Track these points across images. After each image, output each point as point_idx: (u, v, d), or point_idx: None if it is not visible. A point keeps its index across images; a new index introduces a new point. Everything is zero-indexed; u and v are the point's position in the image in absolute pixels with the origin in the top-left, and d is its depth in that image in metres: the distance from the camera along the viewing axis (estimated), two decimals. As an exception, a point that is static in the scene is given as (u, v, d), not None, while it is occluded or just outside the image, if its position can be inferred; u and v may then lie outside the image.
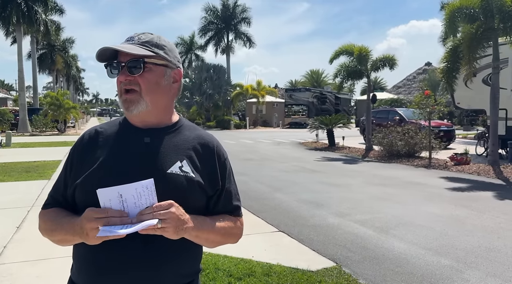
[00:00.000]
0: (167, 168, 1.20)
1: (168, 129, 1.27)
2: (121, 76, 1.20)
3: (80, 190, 1.18)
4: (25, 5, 25.88)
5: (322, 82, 59.90)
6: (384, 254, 4.28)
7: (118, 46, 1.19)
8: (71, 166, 1.25)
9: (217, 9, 40.48)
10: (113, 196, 1.06)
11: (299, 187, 8.05)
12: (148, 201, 1.07)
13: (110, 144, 1.24)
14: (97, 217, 1.06)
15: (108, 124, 1.33)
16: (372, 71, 14.78)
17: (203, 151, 1.28)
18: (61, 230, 1.18)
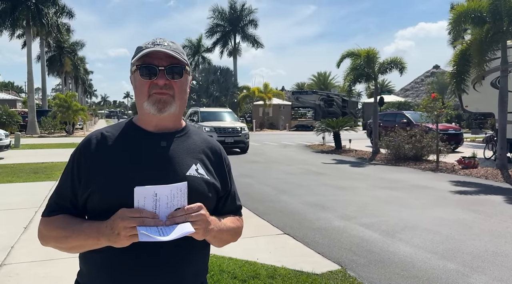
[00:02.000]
0: (186, 171, 1.24)
1: (179, 134, 1.31)
2: (160, 79, 1.22)
3: (99, 195, 1.18)
4: (35, 7, 26.18)
5: (329, 84, 59.75)
6: (390, 257, 4.26)
7: (169, 50, 1.23)
8: (79, 171, 1.23)
9: (224, 12, 40.67)
10: (148, 194, 1.07)
11: (304, 190, 8.04)
12: (180, 203, 1.10)
13: (124, 148, 1.24)
14: (132, 216, 1.05)
15: (114, 128, 1.33)
16: (380, 74, 14.73)
17: (212, 154, 1.35)
18: (79, 236, 1.15)
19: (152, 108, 1.23)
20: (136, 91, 1.28)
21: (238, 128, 15.49)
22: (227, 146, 13.79)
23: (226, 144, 13.96)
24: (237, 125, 15.78)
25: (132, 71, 1.28)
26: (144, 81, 1.23)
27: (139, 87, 1.25)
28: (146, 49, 1.23)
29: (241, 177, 9.62)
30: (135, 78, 1.27)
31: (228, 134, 15.13)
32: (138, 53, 1.25)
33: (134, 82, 1.28)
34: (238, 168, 11.08)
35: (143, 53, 1.22)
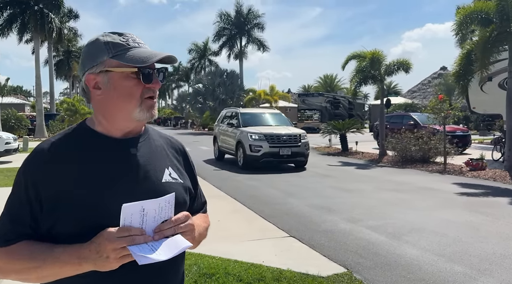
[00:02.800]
0: (161, 177, 1.16)
1: (143, 137, 1.21)
2: (158, 84, 1.14)
3: (72, 219, 1.03)
4: (39, 12, 26.47)
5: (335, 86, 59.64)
6: (396, 260, 4.24)
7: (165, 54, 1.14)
8: (37, 193, 1.05)
9: (230, 15, 40.80)
10: (135, 211, 0.99)
11: (311, 192, 8.02)
12: (167, 215, 1.05)
13: (93, 161, 1.09)
14: (120, 236, 0.95)
15: (68, 137, 1.15)
16: (386, 76, 14.68)
17: (177, 154, 1.29)
18: (54, 264, 1.00)
19: (145, 115, 1.12)
20: (118, 94, 1.10)
21: (297, 135, 11.67)
22: (281, 160, 11.52)
23: (280, 158, 11.33)
24: (295, 132, 11.98)
25: (102, 71, 1.10)
26: (137, 85, 1.10)
27: (129, 91, 1.10)
28: (136, 49, 1.11)
29: (248, 179, 9.63)
30: (116, 80, 1.10)
31: (283, 143, 11.33)
32: (123, 51, 1.10)
33: (113, 84, 1.10)
34: (243, 171, 11.09)
35: (157, 58, 1.10)
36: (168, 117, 60.61)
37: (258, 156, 11.24)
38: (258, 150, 11.23)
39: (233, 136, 12.36)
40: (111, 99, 1.11)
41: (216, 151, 13.95)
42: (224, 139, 13.23)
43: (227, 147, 12.94)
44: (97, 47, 1.12)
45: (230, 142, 12.65)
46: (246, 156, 11.36)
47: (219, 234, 5.15)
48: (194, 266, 3.86)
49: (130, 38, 1.14)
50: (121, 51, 1.10)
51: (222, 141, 13.44)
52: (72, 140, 1.14)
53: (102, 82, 1.11)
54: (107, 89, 1.11)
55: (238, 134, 11.97)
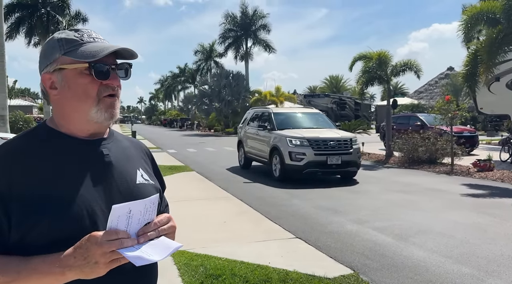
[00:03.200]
0: (135, 179, 1.12)
1: (110, 138, 1.15)
2: (115, 80, 1.07)
3: (47, 228, 0.95)
4: (47, 15, 26.72)
5: (341, 87, 59.49)
6: (403, 262, 4.22)
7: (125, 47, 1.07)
8: (2, 203, 0.95)
9: (236, 17, 40.90)
10: (123, 213, 0.94)
11: (316, 194, 8.01)
12: (150, 217, 1.01)
13: (61, 164, 1.02)
14: (109, 240, 0.90)
15: (28, 139, 1.07)
16: (393, 76, 14.62)
17: (143, 155, 1.25)
18: (31, 276, 0.92)
19: (103, 116, 1.05)
20: (73, 93, 1.04)
21: (348, 140, 9.53)
22: (329, 171, 9.43)
23: (328, 168, 9.20)
24: (345, 135, 9.86)
25: (56, 69, 1.05)
26: (92, 82, 1.03)
27: (84, 89, 1.03)
28: (90, 43, 1.05)
29: (253, 180, 9.64)
30: (68, 77, 1.04)
31: (332, 150, 9.18)
32: (75, 47, 1.04)
33: (67, 82, 1.04)
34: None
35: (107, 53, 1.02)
36: (174, 119, 60.83)
37: (300, 166, 9.08)
38: (300, 158, 9.12)
39: (266, 141, 10.34)
40: (66, 99, 1.05)
41: (242, 158, 12.02)
42: (253, 144, 11.31)
43: (257, 154, 10.99)
44: (50, 45, 1.07)
45: (261, 148, 10.71)
46: (285, 166, 9.25)
47: (225, 235, 5.17)
48: (200, 267, 3.88)
49: (86, 33, 1.08)
50: (74, 47, 1.04)
51: (249, 146, 11.54)
52: (35, 143, 1.05)
53: (57, 81, 1.05)
54: (62, 88, 1.05)
55: (273, 139, 9.92)
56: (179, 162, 13.58)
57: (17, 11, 26.72)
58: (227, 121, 37.61)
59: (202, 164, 13.15)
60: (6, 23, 25.01)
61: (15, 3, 26.47)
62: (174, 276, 3.76)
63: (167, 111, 77.62)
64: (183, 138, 30.43)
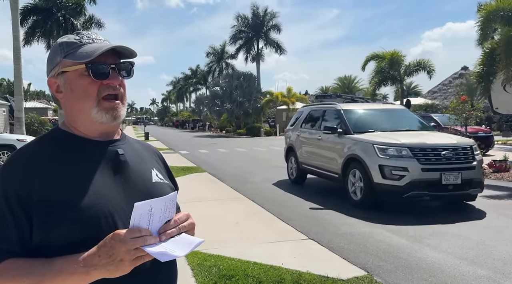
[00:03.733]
0: (151, 178, 1.15)
1: (123, 140, 1.18)
2: (115, 80, 1.07)
3: (69, 228, 0.96)
4: (63, 19, 27.14)
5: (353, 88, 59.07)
6: (418, 263, 4.18)
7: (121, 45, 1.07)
8: (22, 205, 0.97)
9: (247, 18, 41.00)
10: (145, 210, 0.96)
11: (328, 195, 7.96)
12: (170, 214, 1.02)
13: (81, 165, 1.05)
14: (133, 237, 0.91)
15: (44, 142, 1.09)
16: (406, 76, 14.50)
17: (155, 157, 1.28)
18: (56, 277, 0.92)
19: (105, 117, 1.06)
20: (75, 94, 1.06)
21: (467, 147, 6.58)
22: (442, 194, 6.39)
23: (441, 190, 6.24)
24: (462, 141, 6.85)
25: (59, 72, 1.07)
26: (92, 82, 1.05)
27: (83, 91, 1.05)
28: (89, 44, 1.06)
29: (266, 181, 9.64)
30: (70, 79, 1.06)
31: (448, 164, 6.30)
32: (75, 49, 1.05)
33: (69, 84, 1.06)
34: (262, 173, 11.11)
35: (101, 52, 1.02)
36: (186, 120, 61.21)
37: (399, 187, 6.22)
38: (399, 175, 6.22)
39: (336, 149, 7.57)
40: (71, 101, 1.08)
41: (294, 170, 9.35)
42: (312, 152, 8.61)
43: (319, 166, 8.28)
44: (53, 50, 1.10)
45: (326, 158, 7.99)
46: (373, 185, 6.44)
47: (237, 236, 5.18)
48: (214, 268, 3.90)
49: (85, 35, 1.09)
50: (73, 49, 1.06)
51: (306, 155, 8.83)
52: (51, 146, 1.07)
53: (61, 84, 1.08)
54: (66, 91, 1.08)
55: (349, 146, 7.15)
56: (191, 163, 13.65)
57: (33, 15, 27.19)
58: (239, 122, 37.69)
59: (214, 165, 13.20)
60: (23, 27, 25.48)
61: (30, 8, 26.95)
62: (188, 276, 3.79)
63: (179, 113, 78.13)
64: (195, 139, 30.59)
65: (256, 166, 12.99)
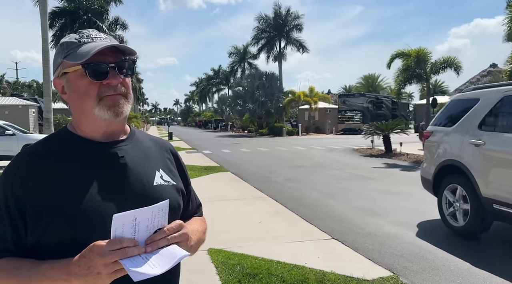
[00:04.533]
0: (152, 181, 1.11)
1: (129, 139, 1.15)
2: (114, 79, 1.04)
3: (60, 231, 0.96)
4: (89, 21, 27.82)
5: (377, 86, 58.30)
6: (445, 264, 4.08)
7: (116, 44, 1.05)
8: (19, 206, 0.98)
9: (269, 18, 40.99)
10: (127, 221, 0.91)
11: (353, 195, 7.88)
12: (160, 223, 0.97)
13: (77, 167, 1.04)
14: (112, 250, 0.87)
15: (49, 142, 1.10)
16: (432, 74, 14.18)
17: (167, 154, 1.23)
18: (41, 281, 0.93)
19: (107, 113, 1.04)
20: (76, 96, 1.06)
21: None
22: None
23: None
24: None
25: (62, 73, 1.07)
26: (91, 83, 1.03)
27: (83, 91, 1.04)
28: (85, 44, 1.04)
29: (288, 181, 9.62)
30: (71, 80, 1.05)
31: None
32: (74, 50, 1.04)
33: (70, 85, 1.06)
34: (284, 173, 11.08)
35: (96, 50, 1.00)
36: (209, 120, 61.72)
37: None
38: None
39: None
40: (74, 101, 1.07)
41: (461, 211, 5.00)
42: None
43: None
44: (56, 51, 1.10)
45: None
46: None
47: (260, 235, 5.18)
48: (237, 266, 3.91)
49: (85, 34, 1.07)
50: (72, 49, 1.04)
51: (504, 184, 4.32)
52: (54, 146, 1.08)
53: (65, 85, 1.07)
54: (69, 91, 1.07)
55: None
56: (214, 162, 13.75)
57: (61, 18, 27.98)
58: (261, 122, 37.73)
59: (236, 164, 13.25)
60: (51, 30, 26.25)
61: (58, 11, 27.74)
62: (212, 274, 3.81)
63: (202, 113, 78.84)
64: (217, 139, 30.80)
65: (279, 165, 12.96)
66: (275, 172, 11.32)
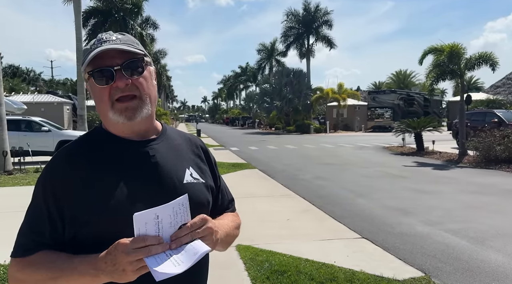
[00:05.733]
0: (182, 179, 1.12)
1: (162, 137, 1.17)
2: (120, 81, 1.04)
3: (95, 227, 1.00)
4: (122, 20, 28.47)
5: (409, 83, 56.93)
6: (479, 266, 3.95)
7: (119, 45, 1.06)
8: (57, 202, 1.03)
9: (298, 14, 40.67)
10: (149, 219, 0.93)
11: (383, 193, 7.74)
12: (183, 218, 0.97)
13: (111, 165, 1.07)
14: (136, 248, 0.90)
15: (85, 141, 1.14)
16: (467, 70, 13.69)
17: (198, 152, 1.24)
18: (72, 275, 0.96)
19: (120, 118, 1.06)
20: (96, 100, 1.09)
21: None
22: None
23: None
24: None
25: (85, 79, 1.10)
26: (101, 87, 1.05)
27: (98, 95, 1.07)
28: (93, 50, 1.05)
29: (316, 179, 9.54)
30: (90, 86, 1.08)
31: None
32: (86, 57, 1.06)
33: (91, 90, 1.09)
34: (312, 170, 11.00)
35: (92, 56, 1.03)
36: (236, 117, 61.99)
37: None
38: None
39: None
40: (95, 104, 1.11)
41: None
42: None
43: None
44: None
45: None
46: None
47: (288, 233, 5.17)
48: (265, 263, 3.92)
49: (97, 39, 1.09)
50: (86, 56, 1.07)
51: None
52: (89, 144, 1.11)
53: (89, 90, 1.12)
54: (92, 96, 1.10)
55: None
56: (242, 159, 13.81)
57: (94, 17, 28.77)
58: (288, 119, 37.56)
59: (264, 161, 13.26)
60: (85, 29, 27.03)
61: (92, 10, 28.52)
62: (241, 270, 3.83)
63: (229, 110, 79.32)
64: (244, 136, 30.90)
65: (306, 163, 12.88)
66: (302, 169, 11.25)
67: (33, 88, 44.71)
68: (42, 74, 60.46)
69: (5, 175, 10.10)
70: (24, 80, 52.18)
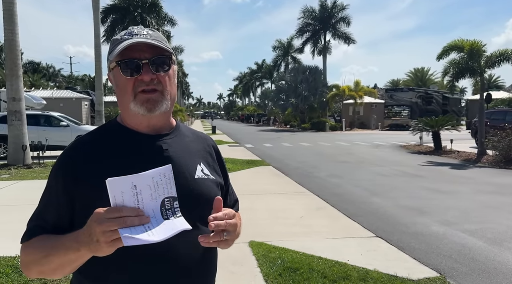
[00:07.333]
0: (193, 173, 1.13)
1: (175, 132, 1.18)
2: (146, 75, 1.06)
3: None
4: (139, 16, 28.75)
5: (427, 81, 56.03)
6: (497, 267, 3.87)
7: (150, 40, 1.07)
8: (68, 194, 1.05)
9: (315, 10, 40.41)
10: (126, 188, 0.87)
11: (399, 192, 7.64)
12: (166, 191, 0.92)
13: (125, 157, 1.08)
14: (110, 218, 0.85)
15: (100, 133, 1.16)
16: (487, 68, 13.39)
17: (209, 150, 1.25)
18: (59, 250, 0.97)
19: (141, 109, 1.07)
20: (118, 90, 1.11)
21: None
22: None
23: None
24: None
25: (110, 68, 1.11)
26: (127, 78, 1.07)
27: (122, 86, 1.08)
28: (123, 41, 1.06)
29: (330, 177, 9.48)
30: (115, 76, 1.10)
31: None
32: (115, 47, 1.08)
33: (114, 80, 1.12)
34: (326, 168, 10.94)
35: (123, 47, 1.04)
36: (251, 114, 62.00)
37: None
38: None
39: None
40: (117, 95, 1.12)
41: None
42: None
43: None
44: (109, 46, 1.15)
45: None
46: None
47: (302, 230, 5.15)
48: (278, 260, 3.92)
49: (128, 31, 1.10)
50: (114, 46, 1.09)
51: None
52: (105, 137, 1.13)
53: (112, 80, 1.13)
54: (114, 86, 1.13)
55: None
56: (256, 156, 13.81)
57: (112, 14, 29.11)
58: (303, 117, 37.40)
59: (278, 159, 13.24)
60: (103, 25, 27.37)
61: (110, 7, 28.86)
62: (253, 266, 3.84)
63: (245, 107, 79.39)
64: (259, 133, 30.91)
65: (321, 160, 12.81)
66: (317, 167, 11.20)
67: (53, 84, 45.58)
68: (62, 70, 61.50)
69: (25, 169, 10.34)
70: (44, 76, 53.21)
